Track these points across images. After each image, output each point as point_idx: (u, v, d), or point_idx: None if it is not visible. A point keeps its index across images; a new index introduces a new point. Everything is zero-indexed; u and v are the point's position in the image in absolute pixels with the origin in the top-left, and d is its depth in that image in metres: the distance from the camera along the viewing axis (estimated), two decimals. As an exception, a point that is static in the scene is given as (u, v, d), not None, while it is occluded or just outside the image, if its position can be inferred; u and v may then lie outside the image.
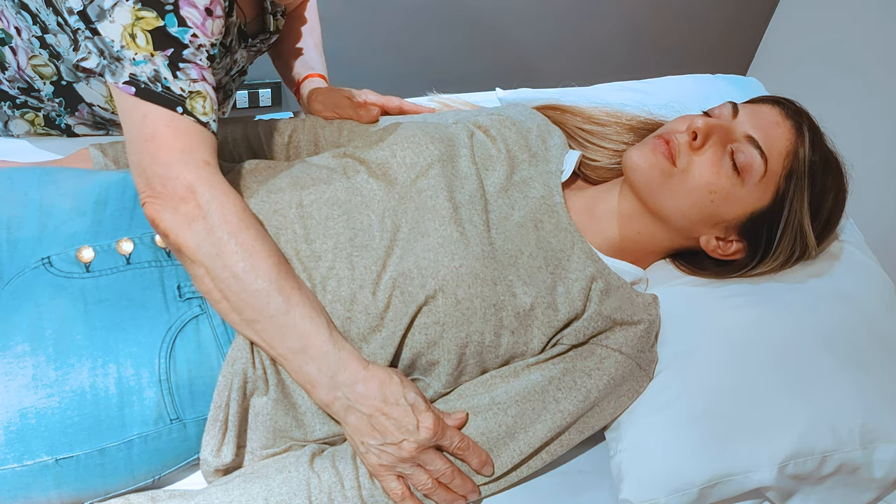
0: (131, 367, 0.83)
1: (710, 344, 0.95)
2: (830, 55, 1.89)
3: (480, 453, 0.87)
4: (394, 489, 0.84)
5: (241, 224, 0.82)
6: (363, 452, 0.84)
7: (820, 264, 1.03)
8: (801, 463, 0.88)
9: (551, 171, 1.01)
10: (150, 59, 0.81)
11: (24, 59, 1.06)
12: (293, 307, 0.81)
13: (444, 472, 0.85)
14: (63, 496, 0.83)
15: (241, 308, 0.81)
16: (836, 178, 0.98)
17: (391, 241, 0.90)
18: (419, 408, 0.83)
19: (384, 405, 0.82)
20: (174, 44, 0.82)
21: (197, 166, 0.82)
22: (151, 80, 0.81)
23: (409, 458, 0.83)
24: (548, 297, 0.90)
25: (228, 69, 1.09)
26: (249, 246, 0.81)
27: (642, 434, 0.91)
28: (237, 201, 0.83)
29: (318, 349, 0.82)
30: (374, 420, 0.82)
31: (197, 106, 0.83)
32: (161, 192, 0.81)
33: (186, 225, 0.80)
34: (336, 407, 0.83)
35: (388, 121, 1.11)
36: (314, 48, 1.25)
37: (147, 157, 0.82)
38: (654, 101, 1.15)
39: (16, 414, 0.80)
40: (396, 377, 0.84)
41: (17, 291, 0.87)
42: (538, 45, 2.14)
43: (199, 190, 0.81)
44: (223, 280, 0.81)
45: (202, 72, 0.84)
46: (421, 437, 0.82)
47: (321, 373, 0.82)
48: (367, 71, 2.06)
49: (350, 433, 0.84)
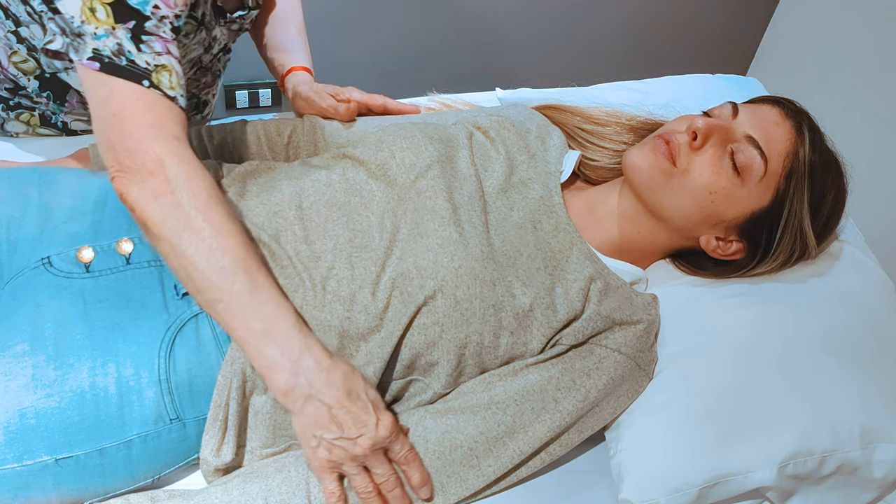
0: (131, 367, 0.83)
1: (710, 344, 0.95)
2: (830, 55, 1.89)
3: (424, 471, 0.85)
4: (332, 490, 0.82)
5: (209, 201, 0.80)
6: (314, 447, 0.81)
7: (820, 264, 1.03)
8: (800, 463, 0.88)
9: (550, 171, 1.01)
10: (111, 32, 0.80)
11: (4, 58, 1.05)
12: (259, 288, 0.79)
13: (388, 479, 0.83)
14: (63, 496, 0.83)
15: (205, 287, 0.79)
16: (836, 178, 0.98)
17: (391, 241, 0.90)
18: (379, 406, 0.82)
19: (346, 398, 0.80)
20: (135, 16, 0.80)
21: (167, 141, 0.80)
22: (115, 54, 0.80)
23: (361, 455, 0.81)
24: (547, 297, 0.90)
25: (207, 46, 1.07)
26: (217, 223, 0.80)
27: (642, 434, 0.91)
28: (207, 177, 0.81)
29: (283, 332, 0.79)
30: (333, 412, 0.80)
31: (163, 80, 0.81)
32: (129, 167, 0.79)
33: (153, 199, 0.79)
34: (295, 394, 0.80)
35: (386, 121, 1.11)
36: (297, 36, 1.22)
37: (116, 131, 0.80)
38: (654, 101, 1.15)
39: (15, 414, 0.80)
40: (359, 372, 0.83)
41: (17, 291, 0.87)
42: (538, 45, 2.14)
43: (168, 164, 0.79)
44: (188, 257, 0.79)
45: (167, 45, 0.82)
46: (378, 435, 0.81)
47: (284, 356, 0.79)
48: (366, 71, 2.06)
49: (304, 424, 0.81)
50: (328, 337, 0.86)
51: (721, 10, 2.17)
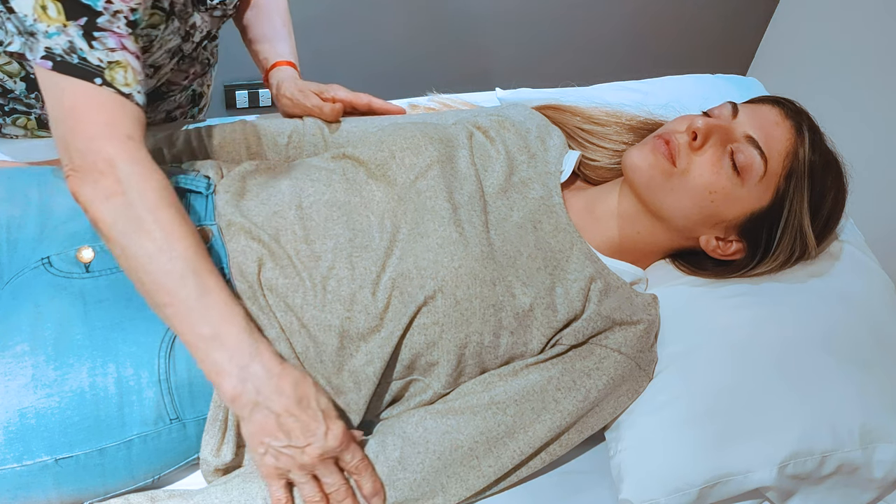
0: (131, 367, 0.83)
1: (710, 344, 0.95)
2: (830, 55, 1.89)
3: (376, 480, 0.83)
4: (279, 497, 0.81)
5: (160, 202, 0.79)
6: (261, 454, 0.79)
7: (820, 264, 1.03)
8: (800, 463, 0.88)
9: (550, 171, 1.01)
10: (63, 30, 0.78)
11: None
12: (208, 292, 0.78)
13: (338, 488, 0.81)
14: (63, 496, 0.83)
15: (154, 290, 0.78)
16: (835, 178, 0.98)
17: (391, 241, 0.90)
18: (330, 415, 0.80)
19: (295, 406, 0.78)
20: (87, 12, 0.79)
21: (119, 140, 0.79)
22: (67, 52, 0.78)
23: (309, 464, 0.79)
24: (547, 297, 0.90)
25: (185, 35, 1.05)
26: (167, 225, 0.78)
27: (642, 434, 0.91)
28: (159, 179, 0.80)
29: (233, 337, 0.78)
30: (281, 419, 0.78)
31: (117, 76, 0.80)
32: (81, 166, 0.79)
33: (104, 200, 0.78)
34: (243, 401, 0.78)
35: (386, 121, 1.11)
36: (282, 28, 1.19)
37: (68, 131, 0.79)
38: (654, 101, 1.15)
39: (15, 414, 0.80)
40: (310, 379, 0.81)
41: (17, 291, 0.87)
42: (538, 45, 2.14)
43: (120, 165, 0.78)
44: (137, 259, 0.78)
45: (121, 40, 0.81)
46: (327, 445, 0.79)
47: (231, 362, 0.77)
48: (366, 71, 2.06)
49: (251, 431, 0.79)
50: (328, 337, 0.86)
51: (721, 10, 2.17)
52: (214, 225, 0.92)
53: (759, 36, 2.23)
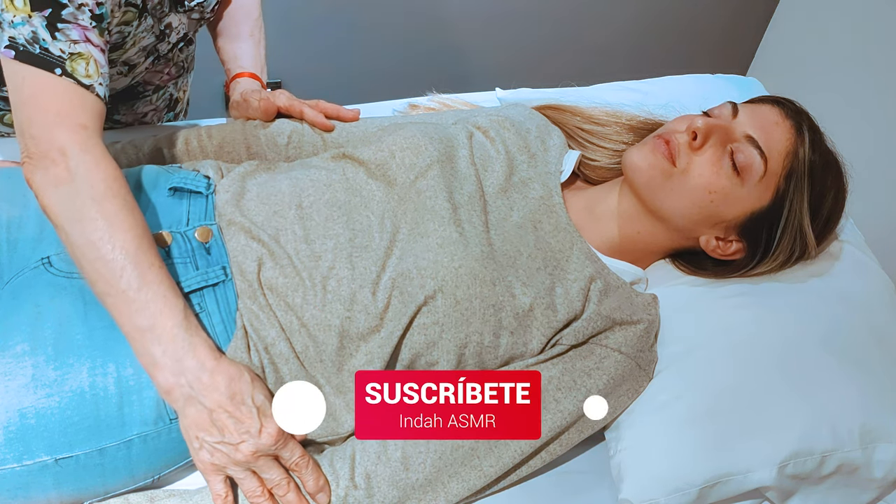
0: (131, 367, 0.83)
1: (710, 344, 0.95)
2: (830, 55, 1.89)
3: (318, 476, 0.83)
4: (218, 491, 0.81)
5: (107, 192, 0.79)
6: (196, 448, 0.80)
7: (820, 264, 1.03)
8: (800, 463, 0.88)
9: (550, 171, 1.01)
10: (27, 20, 0.80)
11: None
12: (147, 284, 0.78)
13: (279, 482, 0.82)
14: (63, 496, 0.83)
15: (95, 279, 0.79)
16: (835, 178, 0.98)
17: (391, 241, 0.90)
18: (265, 412, 0.80)
19: (229, 402, 0.79)
20: (52, 4, 0.80)
21: (72, 129, 0.80)
22: (29, 42, 0.80)
23: (244, 461, 0.79)
24: (547, 297, 0.90)
25: (160, 34, 1.05)
26: (111, 215, 0.79)
27: (642, 434, 0.91)
28: (109, 169, 0.81)
29: (168, 331, 0.78)
30: (214, 415, 0.78)
31: (78, 68, 0.81)
32: (35, 153, 0.80)
33: (53, 187, 0.79)
34: (176, 394, 0.79)
35: (386, 121, 1.11)
36: (248, 37, 1.19)
37: (25, 119, 0.80)
38: (654, 101, 1.14)
39: (15, 414, 0.80)
40: (248, 375, 0.81)
41: (17, 291, 0.86)
42: (538, 45, 2.14)
43: (70, 153, 0.79)
44: (80, 247, 0.78)
45: (85, 32, 0.82)
46: (261, 443, 0.79)
47: (166, 356, 0.78)
48: (366, 71, 2.06)
49: (185, 425, 0.80)
50: (328, 336, 0.86)
51: (721, 11, 2.17)
52: (214, 224, 0.92)
53: (759, 36, 2.22)
